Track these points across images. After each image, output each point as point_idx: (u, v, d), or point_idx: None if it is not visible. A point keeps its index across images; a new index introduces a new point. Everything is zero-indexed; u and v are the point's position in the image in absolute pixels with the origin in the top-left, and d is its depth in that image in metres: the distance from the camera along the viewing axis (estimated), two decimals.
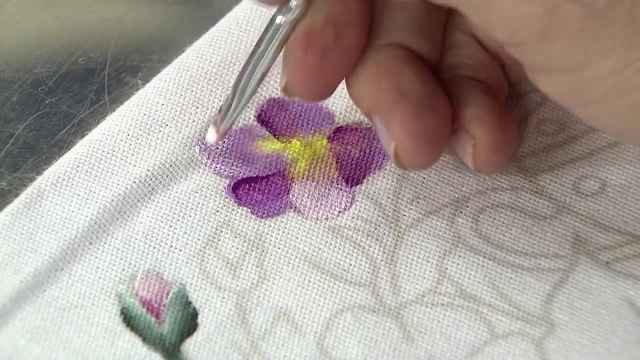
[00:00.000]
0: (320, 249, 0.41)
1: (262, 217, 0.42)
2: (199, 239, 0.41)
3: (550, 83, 0.35)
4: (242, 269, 0.41)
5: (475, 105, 0.39)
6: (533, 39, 0.34)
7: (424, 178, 0.42)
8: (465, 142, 0.39)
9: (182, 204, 0.42)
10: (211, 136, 0.39)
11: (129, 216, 0.42)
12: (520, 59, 0.35)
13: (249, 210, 0.42)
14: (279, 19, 0.37)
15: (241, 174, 0.42)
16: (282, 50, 0.38)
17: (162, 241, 0.41)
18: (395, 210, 0.42)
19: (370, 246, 0.41)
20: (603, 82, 0.33)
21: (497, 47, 0.40)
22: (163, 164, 0.42)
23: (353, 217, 0.42)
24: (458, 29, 0.41)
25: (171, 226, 0.41)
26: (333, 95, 0.43)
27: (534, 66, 0.35)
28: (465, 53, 0.40)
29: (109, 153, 0.42)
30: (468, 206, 0.42)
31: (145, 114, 0.43)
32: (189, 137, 0.43)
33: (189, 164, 0.42)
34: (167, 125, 0.43)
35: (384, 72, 0.38)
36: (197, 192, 0.42)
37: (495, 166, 0.39)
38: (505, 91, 0.41)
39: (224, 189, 0.42)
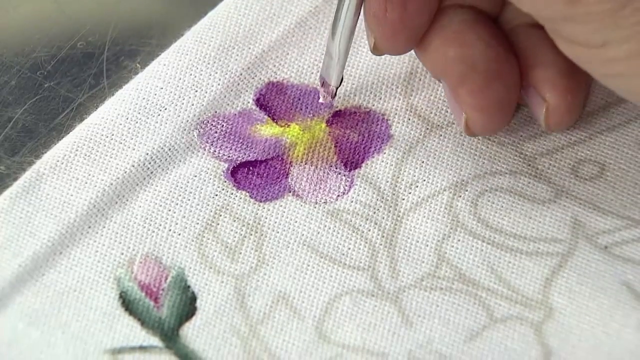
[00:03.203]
0: (318, 233, 0.41)
1: (261, 201, 0.42)
2: (198, 223, 0.41)
3: (571, 52, 0.36)
4: (240, 253, 0.41)
5: (546, 66, 0.39)
6: (555, 19, 0.35)
7: (423, 162, 0.42)
8: (537, 103, 0.40)
9: (181, 187, 0.42)
10: (325, 98, 0.43)
11: (127, 200, 0.41)
12: (543, 24, 0.36)
13: (247, 194, 0.42)
14: None
15: (240, 158, 0.42)
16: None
17: (160, 225, 0.41)
18: (394, 194, 0.42)
19: (369, 230, 0.41)
20: (619, 62, 0.34)
21: None
22: (162, 148, 0.42)
23: (352, 201, 0.42)
24: None
25: (170, 210, 0.41)
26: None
27: (557, 35, 0.36)
28: None
29: (107, 137, 0.42)
30: (467, 190, 0.42)
31: (144, 98, 0.43)
32: (187, 120, 0.43)
33: (187, 147, 0.42)
34: (165, 109, 0.43)
35: (451, 40, 0.39)
36: (195, 176, 0.42)
37: (565, 126, 0.41)
38: None
39: (222, 173, 0.42)
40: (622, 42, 0.34)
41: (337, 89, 0.42)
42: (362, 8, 0.39)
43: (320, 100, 0.43)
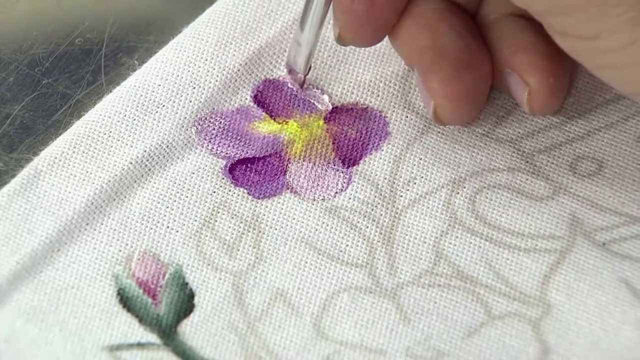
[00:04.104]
0: (316, 229, 0.41)
1: (259, 198, 0.42)
2: (196, 220, 0.41)
3: (565, 44, 0.36)
4: (238, 250, 0.41)
5: (528, 50, 0.39)
6: (548, 12, 0.35)
7: (421, 159, 0.42)
8: (519, 87, 0.40)
9: (179, 184, 0.42)
10: (293, 85, 0.43)
11: (125, 197, 0.41)
12: (539, 19, 0.36)
13: (245, 191, 0.42)
14: None
15: (238, 155, 0.42)
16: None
17: (158, 222, 0.41)
18: (391, 191, 0.42)
19: (367, 227, 0.41)
20: (612, 53, 0.35)
21: None
22: (160, 145, 0.42)
23: (350, 198, 0.42)
24: None
25: (168, 207, 0.41)
26: (328, 76, 0.43)
27: (551, 28, 0.36)
28: None
29: (105, 134, 0.42)
30: (465, 187, 0.42)
31: (141, 95, 0.43)
32: (185, 117, 0.43)
33: (185, 144, 0.42)
34: (163, 106, 0.43)
35: (422, 29, 0.39)
36: (193, 173, 0.42)
37: (549, 110, 0.41)
38: None
39: (220, 170, 0.42)
40: (612, 33, 0.34)
41: (305, 76, 0.42)
42: None
43: (289, 86, 0.43)
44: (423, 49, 0.39)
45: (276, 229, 0.41)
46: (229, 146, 0.42)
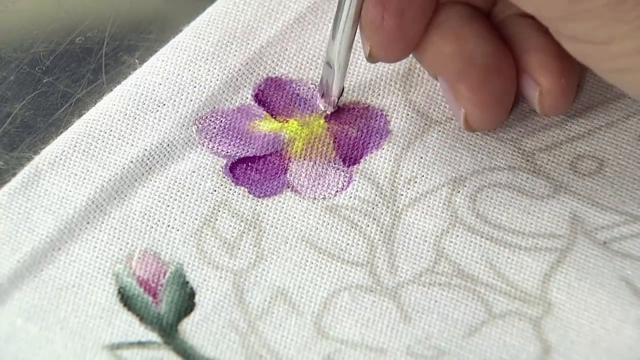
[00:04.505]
0: (317, 228, 0.41)
1: (260, 197, 0.42)
2: (196, 219, 0.41)
3: (575, 50, 0.36)
4: (239, 249, 0.41)
5: (538, 51, 0.39)
6: (558, 18, 0.35)
7: (422, 158, 0.42)
8: (530, 88, 0.40)
9: (180, 183, 0.42)
10: (326, 108, 0.43)
11: (126, 196, 0.41)
12: (546, 25, 0.36)
13: (246, 189, 0.42)
14: None
15: (238, 154, 0.42)
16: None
17: (159, 221, 0.41)
18: (392, 190, 0.42)
19: (368, 226, 0.41)
20: (624, 58, 0.34)
21: None
22: (160, 144, 0.42)
23: (350, 197, 0.42)
24: None
25: (168, 206, 0.41)
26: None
27: (559, 33, 0.36)
28: None
29: (106, 132, 0.42)
30: (465, 186, 0.42)
31: (142, 94, 0.43)
32: (186, 116, 0.43)
33: (186, 143, 0.42)
34: (164, 104, 0.43)
35: (447, 37, 0.39)
36: (194, 172, 0.42)
37: (561, 110, 0.41)
38: None
39: (221, 169, 0.42)
40: (625, 38, 0.34)
41: (338, 99, 0.42)
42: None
43: (321, 109, 0.43)
44: (449, 57, 0.39)
45: (277, 228, 0.41)
46: (229, 145, 0.42)
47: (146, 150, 0.42)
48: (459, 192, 0.41)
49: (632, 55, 0.34)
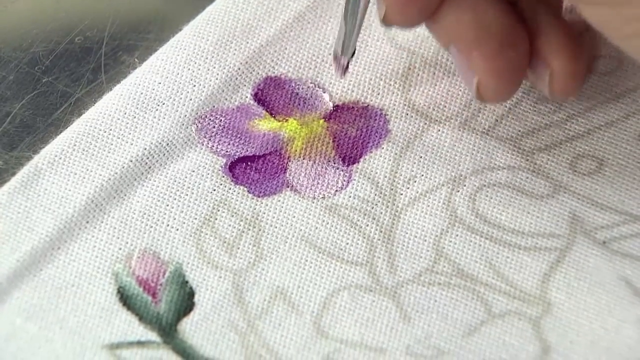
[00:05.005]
0: (317, 228, 0.41)
1: (259, 196, 0.42)
2: (196, 218, 0.41)
3: (593, 14, 0.36)
4: (238, 248, 0.41)
5: (550, 34, 0.39)
6: None
7: (421, 157, 0.42)
8: (541, 70, 0.40)
9: (179, 182, 0.42)
10: (337, 73, 0.42)
11: (125, 195, 0.41)
12: None
13: (245, 189, 0.42)
14: None
15: (238, 153, 0.42)
16: None
17: (158, 220, 0.41)
18: (392, 189, 0.42)
19: (367, 225, 0.41)
20: (639, 21, 0.34)
21: None
22: (160, 143, 0.42)
23: (350, 196, 0.42)
24: None
25: (168, 205, 0.41)
26: (329, 75, 0.43)
27: (579, 0, 0.36)
28: None
29: (105, 132, 0.42)
30: (465, 185, 0.42)
31: (142, 93, 0.43)
32: (185, 115, 0.43)
33: (185, 142, 0.42)
34: (163, 103, 0.43)
35: (465, 6, 0.39)
36: (193, 171, 0.42)
37: (570, 93, 0.40)
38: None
39: (220, 168, 0.42)
40: None
41: (349, 62, 0.42)
42: None
43: (334, 73, 0.43)
44: (466, 25, 0.39)
45: (276, 227, 0.41)
46: (229, 144, 0.42)
47: (145, 149, 0.42)
48: (458, 191, 0.41)
49: None
